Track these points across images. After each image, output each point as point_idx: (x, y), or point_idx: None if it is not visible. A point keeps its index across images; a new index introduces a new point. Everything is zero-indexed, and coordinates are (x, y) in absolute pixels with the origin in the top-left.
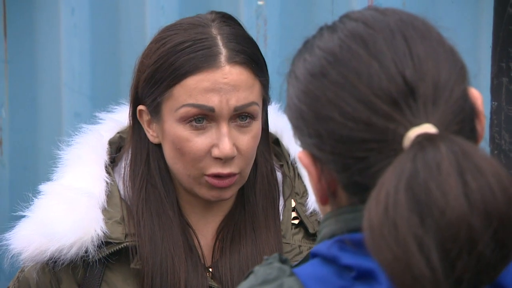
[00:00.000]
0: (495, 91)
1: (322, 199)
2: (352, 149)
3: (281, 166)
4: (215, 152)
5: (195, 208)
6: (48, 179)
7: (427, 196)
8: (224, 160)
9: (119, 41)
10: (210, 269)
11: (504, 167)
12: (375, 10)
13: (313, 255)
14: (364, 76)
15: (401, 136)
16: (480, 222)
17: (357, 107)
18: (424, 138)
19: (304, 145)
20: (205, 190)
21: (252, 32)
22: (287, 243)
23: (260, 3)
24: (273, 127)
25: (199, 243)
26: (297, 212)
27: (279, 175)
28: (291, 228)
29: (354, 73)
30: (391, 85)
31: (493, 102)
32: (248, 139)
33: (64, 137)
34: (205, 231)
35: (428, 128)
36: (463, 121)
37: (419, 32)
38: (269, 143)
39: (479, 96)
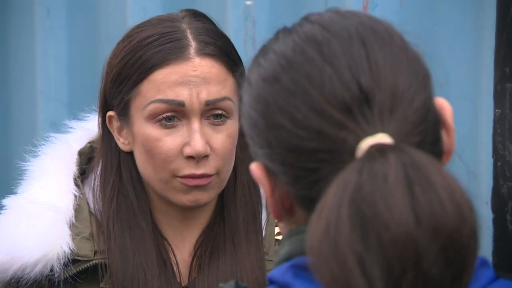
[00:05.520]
0: (499, 98)
1: (277, 215)
2: (303, 159)
3: None
4: (187, 150)
5: (171, 220)
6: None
7: (371, 210)
8: (197, 159)
9: (98, 43)
10: None
11: (461, 183)
12: (335, 12)
13: (270, 282)
14: (316, 82)
15: (354, 146)
16: (427, 238)
17: (309, 115)
18: (375, 149)
19: (257, 156)
20: (180, 194)
21: (240, 34)
22: (269, 260)
23: (248, 3)
24: None
25: (175, 258)
26: None
27: None
28: (275, 244)
29: (306, 78)
30: (345, 91)
31: (496, 110)
32: (222, 137)
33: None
34: (182, 246)
35: (383, 138)
36: (424, 132)
37: (379, 37)
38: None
39: (448, 107)
